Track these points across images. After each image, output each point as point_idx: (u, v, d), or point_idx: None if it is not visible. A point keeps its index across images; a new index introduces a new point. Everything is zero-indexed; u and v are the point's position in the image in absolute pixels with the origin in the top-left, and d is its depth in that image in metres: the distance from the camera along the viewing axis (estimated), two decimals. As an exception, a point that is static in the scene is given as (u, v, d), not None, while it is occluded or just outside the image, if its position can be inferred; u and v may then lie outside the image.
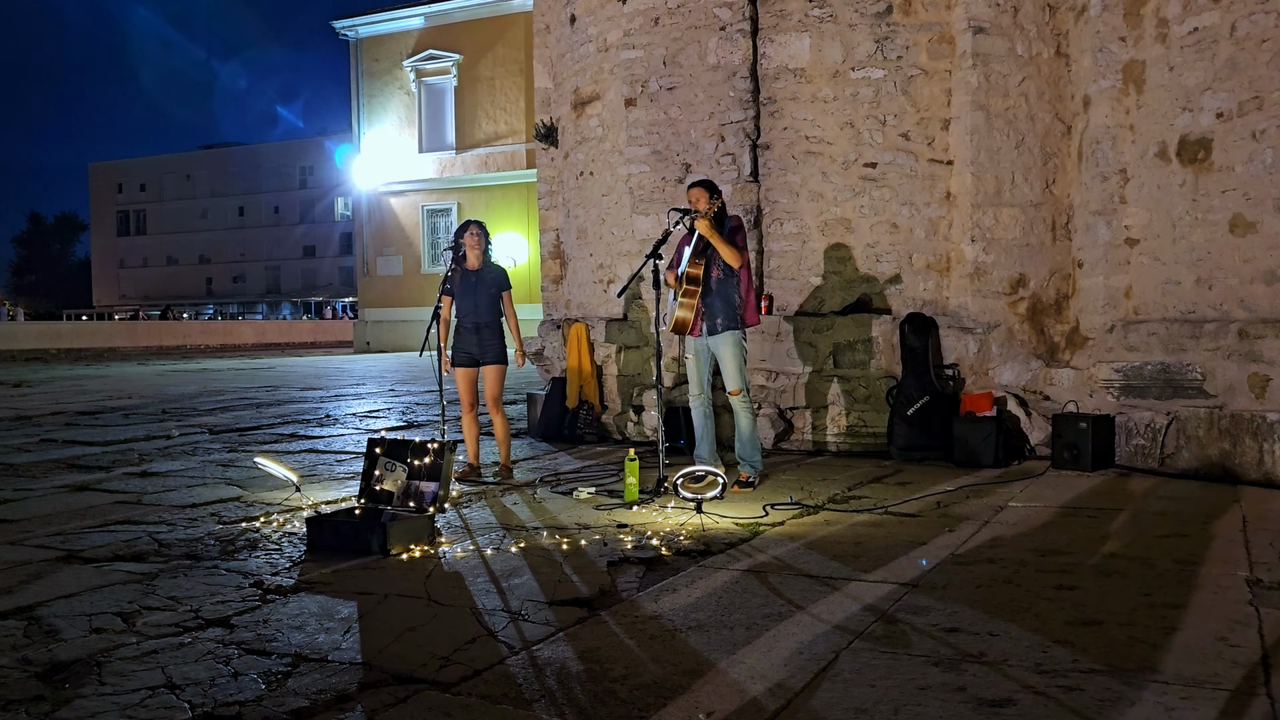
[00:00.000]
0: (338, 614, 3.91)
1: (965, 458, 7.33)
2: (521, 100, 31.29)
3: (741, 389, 6.44)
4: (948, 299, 8.21)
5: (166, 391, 16.30)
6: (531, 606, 3.94)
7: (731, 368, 6.43)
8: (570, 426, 9.05)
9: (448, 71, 33.00)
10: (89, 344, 37.05)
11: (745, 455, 6.53)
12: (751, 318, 6.51)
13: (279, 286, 76.08)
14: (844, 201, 8.30)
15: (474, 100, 32.66)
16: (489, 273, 7.17)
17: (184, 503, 6.32)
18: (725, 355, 6.44)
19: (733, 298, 6.42)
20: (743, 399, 6.47)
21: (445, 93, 33.28)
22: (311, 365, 25.71)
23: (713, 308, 6.43)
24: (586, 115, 9.61)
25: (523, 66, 30.66)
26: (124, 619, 3.87)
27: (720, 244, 6.30)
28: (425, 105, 33.67)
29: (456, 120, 32.97)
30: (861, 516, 5.58)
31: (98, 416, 12.08)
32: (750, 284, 6.54)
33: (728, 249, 6.31)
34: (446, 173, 33.25)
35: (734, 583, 4.23)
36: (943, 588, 4.07)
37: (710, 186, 6.53)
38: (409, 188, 33.83)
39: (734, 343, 6.42)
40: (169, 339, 41.25)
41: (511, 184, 31.65)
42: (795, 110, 8.38)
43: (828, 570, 4.40)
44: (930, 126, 8.18)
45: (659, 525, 5.40)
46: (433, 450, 5.31)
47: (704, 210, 6.34)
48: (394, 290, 34.00)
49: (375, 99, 34.36)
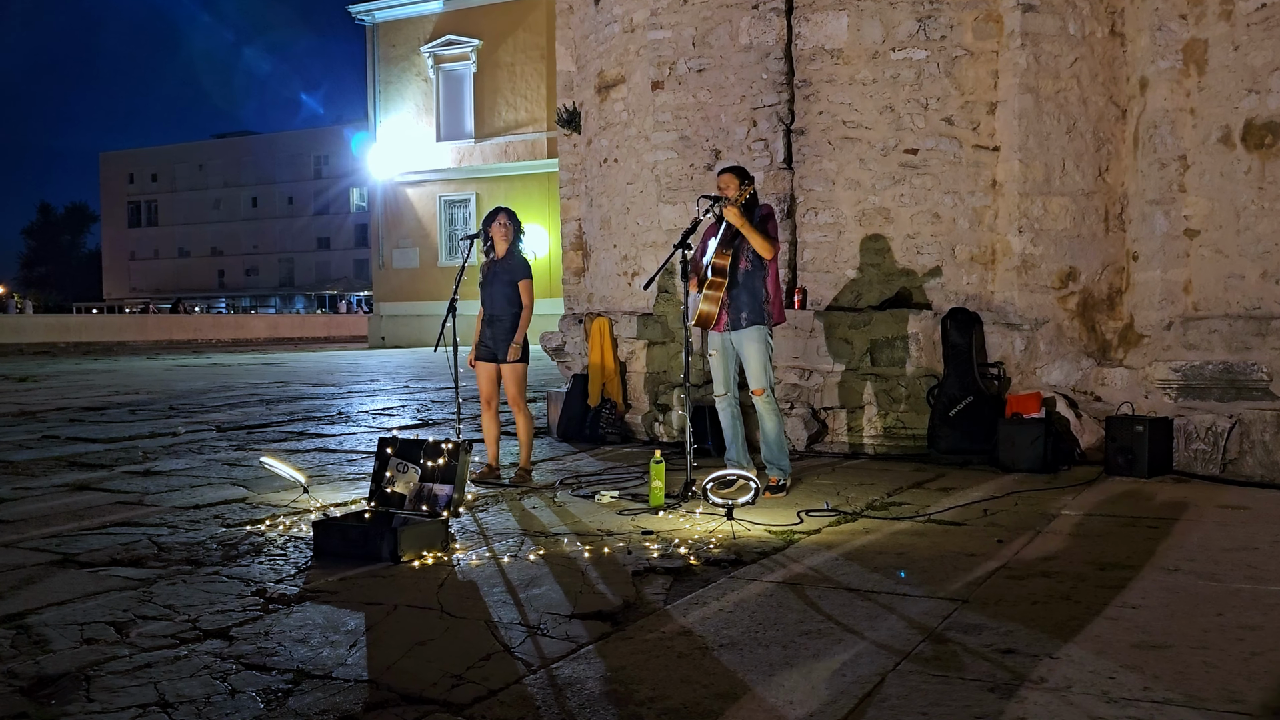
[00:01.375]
0: (344, 626, 3.78)
1: (1011, 462, 7.14)
2: (543, 87, 31.18)
3: (766, 388, 6.29)
4: (993, 293, 8.01)
5: (175, 387, 16.29)
6: (551, 620, 3.80)
7: (756, 365, 6.28)
8: (592, 426, 8.92)
9: (467, 57, 32.96)
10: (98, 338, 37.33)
11: (773, 459, 6.38)
12: (779, 314, 6.36)
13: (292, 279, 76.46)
14: (883, 190, 8.12)
15: (494, 87, 32.61)
16: (510, 260, 7.03)
17: (186, 504, 6.22)
18: (749, 352, 6.29)
19: (760, 291, 6.27)
20: (767, 399, 6.31)
21: (464, 79, 33.23)
22: (325, 360, 25.72)
23: (738, 301, 6.28)
24: (611, 99, 9.47)
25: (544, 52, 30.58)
26: (117, 629, 3.76)
27: (751, 233, 6.14)
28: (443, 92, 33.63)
29: (475, 108, 32.93)
30: (903, 524, 5.41)
31: (103, 412, 12.05)
32: (779, 278, 6.37)
33: (759, 238, 6.15)
34: (465, 162, 33.21)
35: (768, 596, 4.07)
36: (995, 604, 3.89)
37: (741, 173, 6.37)
38: (426, 178, 33.82)
39: (759, 339, 6.27)
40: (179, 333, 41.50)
41: (532, 174, 31.59)
42: (832, 93, 8.20)
43: (869, 583, 4.23)
44: (975, 110, 7.98)
45: (687, 532, 5.25)
46: (447, 451, 5.18)
47: (734, 197, 6.18)
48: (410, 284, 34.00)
49: (392, 86, 34.37)
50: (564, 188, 10.99)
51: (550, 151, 29.21)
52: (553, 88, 11.32)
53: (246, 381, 17.50)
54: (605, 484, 6.75)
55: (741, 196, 6.18)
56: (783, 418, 6.48)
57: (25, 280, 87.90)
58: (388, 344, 33.52)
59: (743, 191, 6.21)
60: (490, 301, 7.00)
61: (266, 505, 6.15)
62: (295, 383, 17.10)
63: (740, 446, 6.52)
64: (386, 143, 34.21)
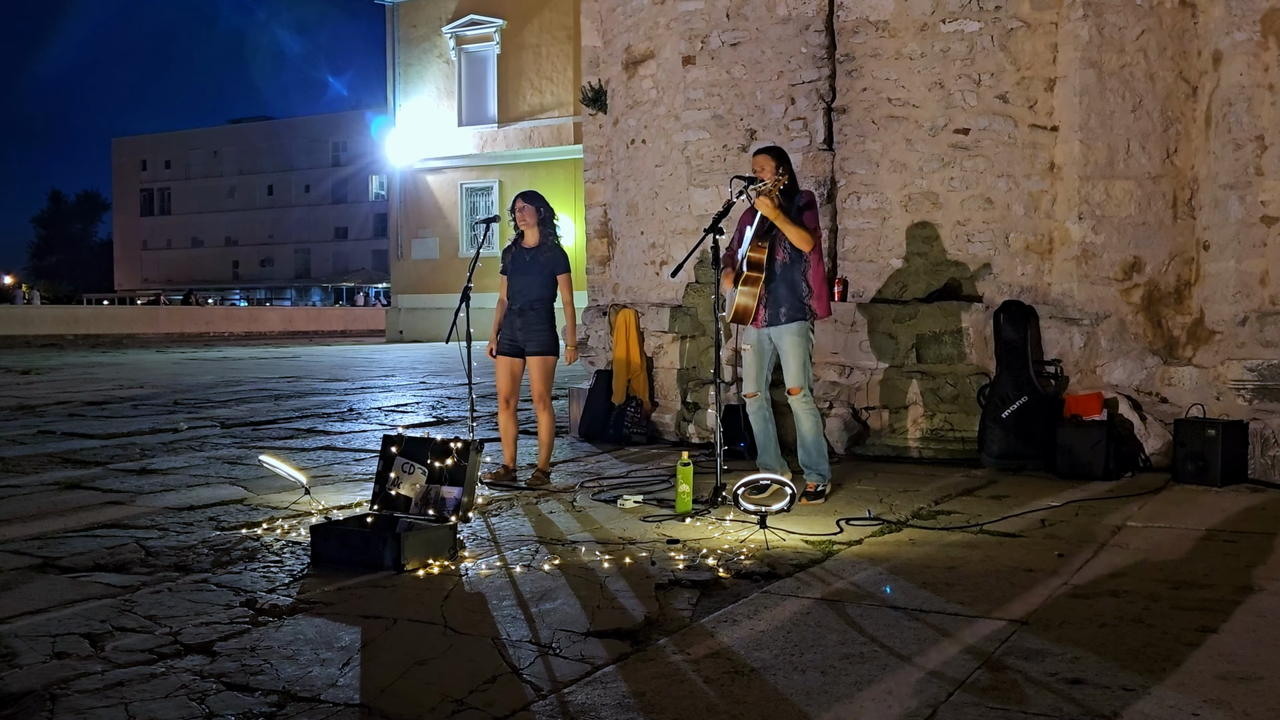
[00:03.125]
0: (338, 641, 3.60)
1: (1069, 468, 6.89)
2: (569, 69, 31.02)
3: (803, 387, 6.11)
4: (1049, 285, 7.77)
5: (181, 381, 16.27)
6: (565, 638, 3.60)
7: (794, 363, 6.10)
8: (616, 425, 8.76)
9: (490, 38, 32.86)
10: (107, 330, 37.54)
11: (811, 462, 6.19)
12: (822, 308, 6.16)
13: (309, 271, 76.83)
14: (931, 173, 7.89)
15: (518, 69, 32.50)
16: (546, 252, 6.84)
17: (181, 504, 6.09)
18: (787, 348, 6.11)
19: (800, 285, 6.09)
20: (804, 398, 6.13)
21: (487, 61, 33.15)
22: (339, 355, 25.72)
23: (776, 295, 6.09)
24: (639, 76, 9.29)
25: (571, 32, 30.39)
26: (92, 642, 3.60)
27: (786, 225, 5.93)
28: (465, 75, 33.57)
29: (499, 91, 32.83)
30: (953, 536, 5.17)
31: (104, 407, 12.00)
32: (822, 270, 6.17)
33: (795, 231, 5.94)
34: (487, 148, 33.13)
35: (805, 614, 3.85)
36: (1059, 626, 3.65)
37: (778, 154, 6.15)
38: (447, 164, 33.77)
39: (800, 334, 6.10)
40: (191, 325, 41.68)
41: (557, 160, 31.43)
42: (876, 69, 7.97)
43: (916, 601, 4.00)
44: (1032, 87, 7.72)
45: (716, 542, 5.05)
46: (456, 450, 5.01)
47: (768, 184, 5.96)
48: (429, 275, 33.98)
49: (412, 68, 34.34)
50: (589, 171, 10.82)
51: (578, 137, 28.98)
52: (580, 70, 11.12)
53: (256, 376, 17.46)
54: (629, 488, 6.58)
55: (779, 183, 5.96)
56: (821, 419, 6.28)
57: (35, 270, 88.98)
58: (406, 338, 33.50)
59: (780, 177, 6.00)
60: (521, 293, 6.80)
61: (265, 507, 6.01)
62: (306, 378, 17.05)
63: (773, 450, 6.32)
64: (406, 128, 34.19)
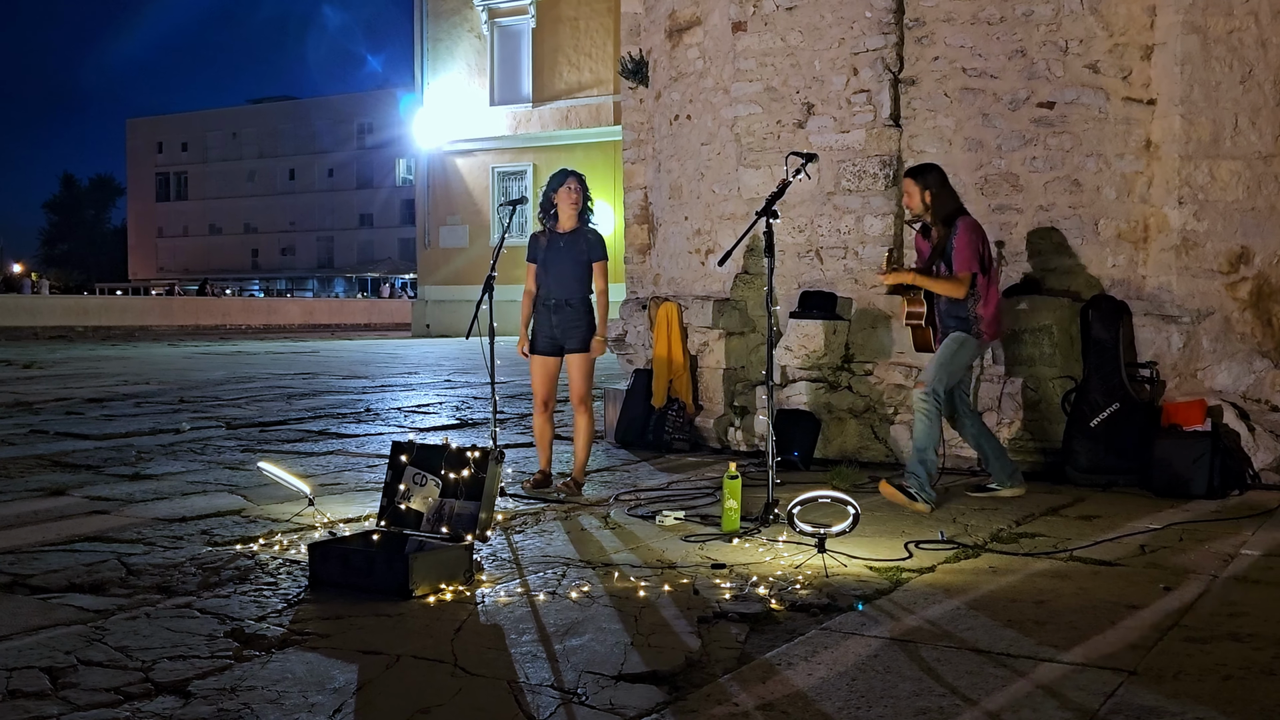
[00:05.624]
0: (330, 682, 3.35)
1: (1168, 484, 6.56)
2: (609, 44, 30.74)
3: (928, 385, 6.17)
4: (1144, 278, 7.44)
5: (190, 377, 16.22)
6: (592, 682, 3.32)
7: (936, 359, 6.25)
8: (655, 430, 8.52)
9: (525, 11, 32.63)
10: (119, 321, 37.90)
11: (910, 465, 6.20)
12: (990, 333, 6.29)
13: (332, 260, 77.32)
14: (1010, 152, 7.57)
15: (555, 45, 32.24)
16: (581, 237, 6.60)
17: (172, 515, 5.89)
18: (944, 344, 6.29)
19: (967, 314, 6.23)
20: (925, 397, 6.15)
21: (522, 36, 32.91)
22: (360, 350, 25.68)
23: (946, 322, 6.34)
24: (684, 45, 9.06)
25: (612, 4, 30.09)
26: (52, 678, 3.38)
27: (930, 284, 6.24)
28: (498, 51, 33.36)
29: (534, 68, 32.58)
30: (1039, 563, 4.84)
31: (105, 405, 11.92)
32: (996, 295, 6.31)
33: (943, 285, 6.21)
34: (521, 129, 32.92)
35: (872, 657, 3.55)
36: (1173, 678, 3.31)
37: (921, 173, 6.33)
38: (478, 146, 33.59)
39: (956, 341, 6.24)
40: (207, 318, 42.02)
41: (596, 143, 31.14)
42: (950, 35, 7.67)
43: (1002, 643, 3.68)
44: (1127, 55, 7.39)
45: (767, 567, 4.77)
46: (473, 460, 4.74)
47: (915, 210, 6.40)
48: (458, 265, 33.81)
49: (441, 43, 34.19)
50: (628, 150, 10.59)
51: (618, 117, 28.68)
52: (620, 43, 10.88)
53: (270, 372, 17.39)
54: (668, 501, 6.34)
55: (926, 214, 6.27)
56: (934, 425, 6.17)
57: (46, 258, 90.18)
58: (432, 332, 33.42)
59: (924, 198, 6.23)
60: (556, 284, 6.61)
61: (264, 519, 5.81)
62: (323, 375, 16.94)
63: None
64: (434, 107, 34.05)
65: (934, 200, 6.21)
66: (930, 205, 6.21)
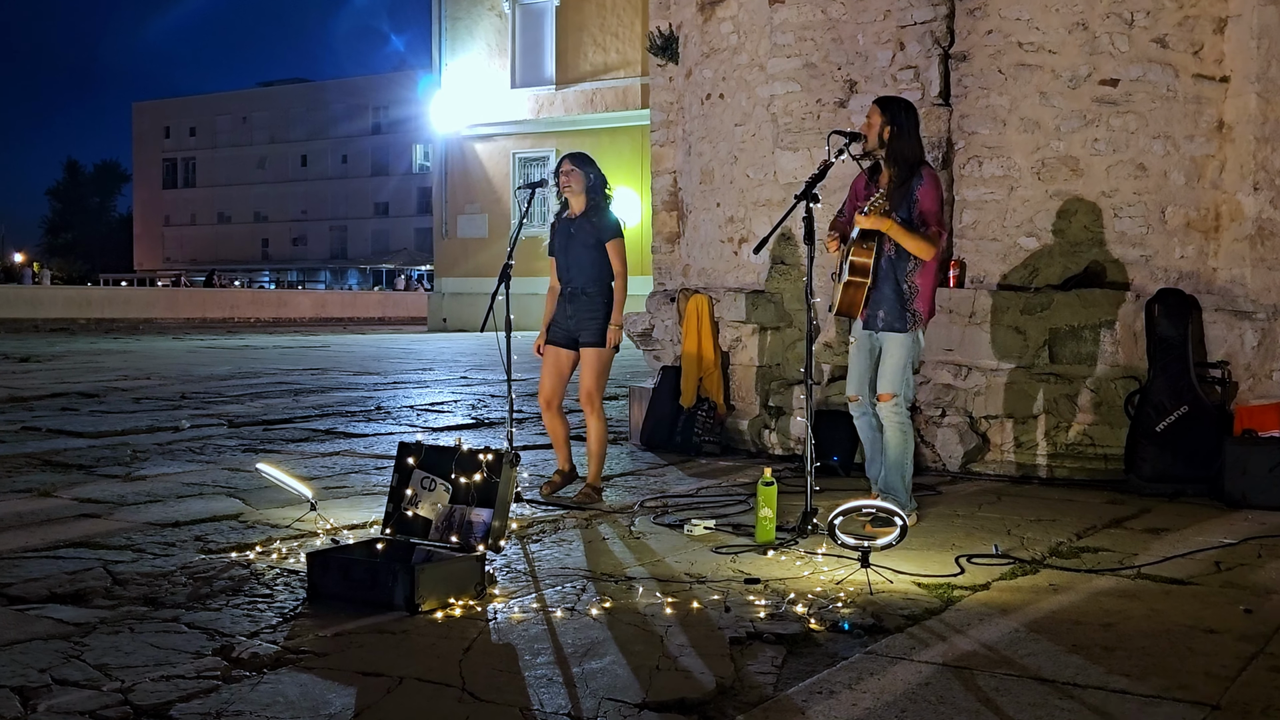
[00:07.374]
0: (325, 707, 3.21)
1: (1242, 495, 6.41)
2: (637, 23, 30.60)
3: (895, 395, 5.77)
4: (1215, 271, 7.31)
5: (193, 372, 16.23)
6: (613, 710, 3.18)
7: (890, 365, 5.82)
8: (684, 432, 8.42)
9: (549, -14, 32.59)
10: (123, 314, 38.12)
11: (890, 485, 5.86)
12: (922, 306, 5.82)
13: (345, 251, 77.65)
14: (1070, 133, 7.43)
15: (579, 24, 32.15)
16: (592, 217, 6.48)
17: (165, 519, 5.80)
18: (890, 348, 5.84)
19: (902, 285, 5.76)
20: (895, 407, 5.78)
21: (545, 14, 32.84)
22: (373, 345, 25.71)
23: (878, 295, 5.79)
24: (717, 18, 8.95)
25: (640, -20, 30.05)
26: (23, 699, 3.26)
27: (904, 237, 5.63)
28: (520, 30, 33.30)
29: (557, 49, 32.51)
30: (1104, 581, 4.67)
31: (102, 400, 11.91)
32: (934, 265, 5.85)
33: (915, 242, 5.64)
34: (544, 113, 32.85)
35: (923, 685, 3.38)
36: (1262, 714, 3.12)
37: (889, 105, 5.82)
38: (498, 131, 33.54)
39: (902, 339, 5.81)
40: (214, 310, 42.23)
41: (622, 127, 31.03)
42: (1005, 6, 7.54)
43: (1067, 671, 3.50)
44: (1198, 29, 7.25)
45: (806, 583, 4.62)
46: (486, 463, 4.60)
47: (871, 141, 5.74)
48: (477, 256, 33.78)
49: (461, 22, 34.17)
50: (656, 132, 10.47)
51: (645, 101, 28.65)
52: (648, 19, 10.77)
53: (277, 367, 17.39)
54: (698, 509, 6.22)
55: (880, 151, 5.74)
56: (912, 436, 5.93)
57: (49, 248, 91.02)
58: (450, 326, 33.44)
59: (884, 133, 5.67)
60: (569, 271, 6.50)
61: (263, 524, 5.71)
62: (334, 370, 16.92)
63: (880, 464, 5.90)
64: (453, 90, 34.02)
65: (895, 139, 5.72)
66: (889, 143, 5.72)
